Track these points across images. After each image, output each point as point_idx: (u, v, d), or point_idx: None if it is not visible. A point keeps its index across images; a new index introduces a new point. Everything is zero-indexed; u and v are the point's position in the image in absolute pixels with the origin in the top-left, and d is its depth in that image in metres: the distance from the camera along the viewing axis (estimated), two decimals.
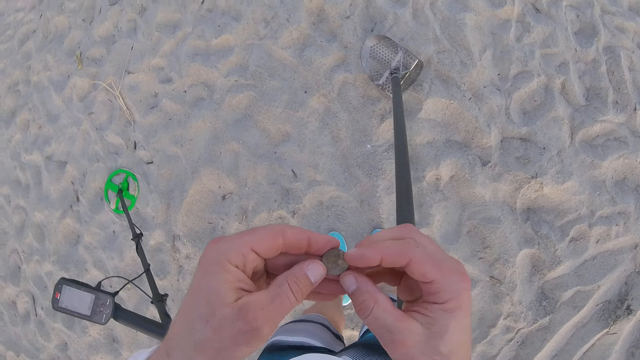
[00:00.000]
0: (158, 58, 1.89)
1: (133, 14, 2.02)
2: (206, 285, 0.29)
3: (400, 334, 0.29)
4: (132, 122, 1.91)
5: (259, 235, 0.30)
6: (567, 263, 1.37)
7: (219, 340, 0.28)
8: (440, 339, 0.29)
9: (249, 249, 0.29)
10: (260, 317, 0.28)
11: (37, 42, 2.36)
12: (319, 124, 1.61)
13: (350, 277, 0.31)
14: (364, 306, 0.30)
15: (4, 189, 2.29)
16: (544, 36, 1.49)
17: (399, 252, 0.30)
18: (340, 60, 1.62)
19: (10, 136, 2.32)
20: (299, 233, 0.31)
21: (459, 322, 0.30)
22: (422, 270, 0.29)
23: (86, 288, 0.79)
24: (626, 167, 1.38)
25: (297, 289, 0.30)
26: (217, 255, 0.29)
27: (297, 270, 0.31)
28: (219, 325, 0.28)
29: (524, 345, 1.36)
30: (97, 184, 1.97)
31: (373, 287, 0.31)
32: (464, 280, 0.30)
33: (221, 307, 0.28)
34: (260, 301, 0.29)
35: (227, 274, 0.29)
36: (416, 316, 0.30)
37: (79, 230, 2.01)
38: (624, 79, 1.41)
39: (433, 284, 0.29)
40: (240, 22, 1.75)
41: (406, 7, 1.58)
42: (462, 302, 0.30)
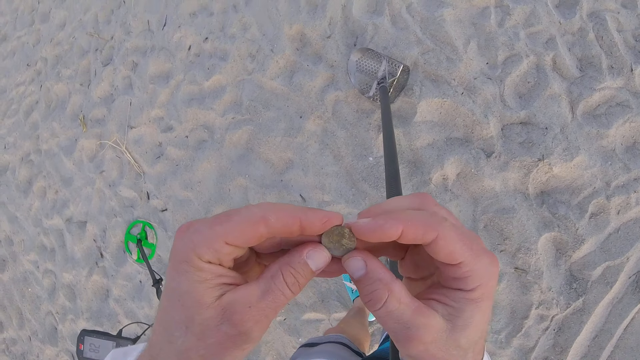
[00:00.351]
0: (156, 109, 1.96)
1: (126, 71, 2.11)
2: (177, 287, 0.24)
3: (417, 329, 0.24)
4: (142, 173, 1.98)
5: (233, 225, 0.24)
6: (591, 240, 1.35)
7: (205, 347, 0.24)
8: (463, 332, 0.25)
9: (221, 243, 0.24)
10: (248, 318, 0.24)
11: (41, 112, 2.47)
12: (319, 145, 1.65)
13: (358, 259, 0.25)
14: (375, 297, 0.25)
15: (32, 256, 2.38)
16: (525, 16, 1.48)
17: (426, 226, 0.24)
18: (329, 80, 1.66)
19: (30, 205, 2.42)
20: (287, 217, 0.24)
21: (484, 313, 0.25)
22: (450, 250, 0.24)
23: (107, 336, 0.81)
24: (634, 131, 1.35)
25: (293, 282, 0.25)
26: (185, 250, 0.24)
27: (294, 258, 0.25)
28: (200, 330, 0.24)
29: (561, 332, 1.34)
30: (117, 238, 2.04)
31: (386, 273, 0.25)
32: (495, 263, 0.25)
33: (200, 310, 0.24)
34: (248, 298, 0.24)
35: (200, 272, 0.24)
36: (436, 306, 0.26)
37: (107, 284, 2.07)
38: (614, 42, 1.39)
39: (460, 267, 0.24)
40: (228, 61, 1.81)
41: (383, 16, 1.61)
42: (490, 290, 0.25)
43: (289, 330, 1.63)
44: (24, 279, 2.40)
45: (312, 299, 1.61)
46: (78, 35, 2.48)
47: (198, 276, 0.24)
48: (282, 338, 1.65)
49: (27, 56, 2.76)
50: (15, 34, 2.95)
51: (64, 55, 2.50)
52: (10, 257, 2.48)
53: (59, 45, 2.56)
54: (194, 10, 2.04)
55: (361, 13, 1.65)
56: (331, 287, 1.61)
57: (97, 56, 2.31)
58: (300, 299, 1.62)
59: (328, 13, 1.70)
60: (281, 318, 1.65)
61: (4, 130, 2.67)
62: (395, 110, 1.57)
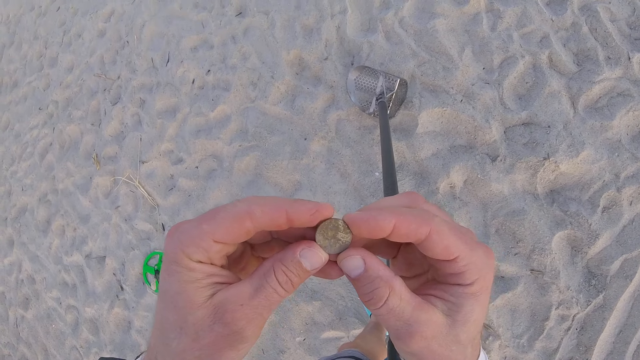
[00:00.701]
0: (166, 142, 2.03)
1: (134, 108, 2.19)
2: (169, 288, 0.24)
3: (419, 325, 0.24)
4: (156, 206, 2.04)
5: (219, 222, 0.24)
6: (605, 234, 1.34)
7: (199, 348, 0.24)
8: (463, 327, 0.25)
9: (210, 241, 0.24)
10: (240, 316, 0.24)
11: (55, 153, 2.56)
12: (325, 165, 1.68)
13: (356, 257, 0.24)
14: (376, 295, 0.24)
15: (54, 293, 2.43)
16: (516, 17, 1.49)
17: (418, 221, 0.23)
18: (330, 100, 1.71)
19: (50, 243, 2.48)
20: (272, 211, 0.24)
21: (483, 306, 0.25)
22: (445, 244, 0.23)
23: None
24: (638, 119, 1.34)
25: (285, 280, 0.24)
26: (175, 251, 0.24)
27: (287, 256, 0.25)
28: (194, 331, 0.24)
29: (583, 331, 1.32)
30: (136, 271, 2.08)
31: (386, 270, 0.24)
32: (490, 255, 0.25)
33: (192, 310, 0.24)
34: (240, 296, 0.24)
35: (191, 272, 0.24)
36: (435, 301, 0.25)
37: (129, 316, 2.10)
38: (608, 32, 1.38)
39: (457, 262, 0.24)
40: (231, 91, 1.88)
41: (377, 33, 1.66)
42: (488, 283, 0.25)
43: (309, 350, 1.64)
44: (47, 316, 2.45)
45: (330, 318, 1.62)
46: (86, 77, 2.58)
47: (189, 276, 0.24)
48: (303, 358, 1.66)
49: (39, 100, 2.87)
50: (26, 79, 3.09)
51: (74, 97, 2.61)
52: (33, 296, 2.53)
53: (69, 88, 2.67)
54: (194, 45, 2.13)
55: (355, 32, 1.71)
56: (348, 305, 1.62)
57: (106, 96, 2.41)
58: (318, 319, 1.63)
59: (323, 36, 1.76)
60: (300, 339, 1.66)
61: (21, 173, 2.76)
62: (397, 124, 1.60)
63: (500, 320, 1.36)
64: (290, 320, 1.68)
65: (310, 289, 1.66)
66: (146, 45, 2.33)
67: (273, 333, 1.71)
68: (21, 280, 2.61)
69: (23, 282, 2.60)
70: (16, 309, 2.61)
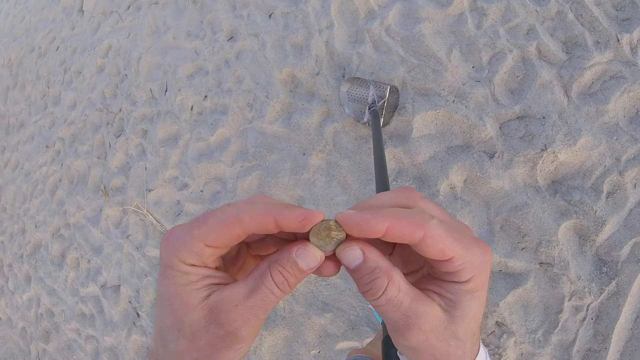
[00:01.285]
0: (170, 170, 2.08)
1: (138, 139, 2.25)
2: (165, 292, 0.25)
3: (418, 317, 0.24)
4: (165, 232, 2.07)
5: (209, 228, 0.24)
6: (612, 220, 1.33)
7: (197, 350, 0.25)
8: (461, 323, 0.25)
9: (201, 246, 0.24)
10: (235, 317, 0.24)
11: (65, 189, 2.63)
12: (326, 178, 1.71)
13: (355, 248, 0.24)
14: (375, 285, 0.24)
15: (73, 324, 2.47)
16: (501, 13, 1.50)
17: (412, 224, 0.23)
18: (325, 114, 1.74)
19: (66, 276, 2.53)
20: (261, 217, 0.24)
21: (481, 303, 0.25)
22: (440, 247, 0.23)
23: None
24: (633, 100, 1.33)
25: (281, 280, 0.24)
26: (170, 256, 0.25)
27: (283, 256, 0.25)
28: (191, 332, 0.24)
29: (599, 320, 1.31)
30: (150, 297, 2.11)
31: (385, 261, 0.24)
32: (487, 251, 0.25)
33: (188, 312, 0.24)
34: (235, 296, 0.24)
35: (186, 275, 0.24)
36: (432, 296, 0.25)
37: (147, 342, 2.13)
38: (594, 17, 1.38)
39: (453, 262, 0.24)
40: (228, 114, 1.93)
41: (365, 43, 1.70)
42: (485, 279, 0.25)
43: None
44: (68, 348, 2.48)
45: (343, 329, 1.62)
46: (89, 112, 2.66)
47: (184, 279, 0.24)
48: None
49: (45, 138, 2.96)
50: (32, 119, 3.18)
51: (78, 132, 2.68)
52: (53, 329, 2.58)
53: (73, 124, 2.75)
54: (190, 73, 2.19)
55: (344, 45, 1.75)
56: (360, 314, 1.63)
57: (109, 129, 2.48)
58: (331, 330, 1.64)
59: (313, 52, 1.80)
60: (315, 352, 1.66)
61: (34, 210, 2.83)
62: (393, 131, 1.62)
63: (514, 316, 1.36)
64: (303, 334, 1.68)
65: (321, 302, 1.67)
66: (144, 76, 2.40)
67: (288, 348, 1.71)
68: (40, 315, 2.66)
69: (42, 316, 2.64)
70: (37, 343, 2.65)
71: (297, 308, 1.69)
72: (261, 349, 1.74)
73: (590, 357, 1.28)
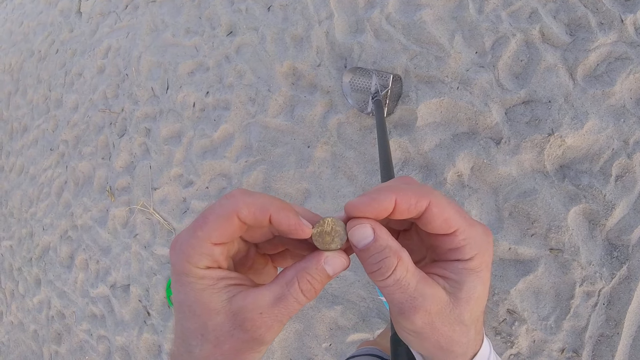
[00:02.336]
0: (175, 168, 2.08)
1: (141, 138, 2.25)
2: (185, 299, 0.25)
3: (424, 299, 0.24)
4: (173, 230, 2.08)
5: (211, 225, 0.24)
6: (621, 203, 1.32)
7: (221, 353, 0.25)
8: (467, 305, 0.25)
9: (209, 246, 0.24)
10: (260, 324, 0.24)
11: (71, 191, 2.64)
12: (331, 170, 1.70)
13: (366, 226, 0.24)
14: (384, 264, 0.24)
15: (84, 326, 2.49)
16: None
17: (418, 195, 0.24)
18: (328, 106, 1.73)
19: (75, 278, 2.55)
20: (257, 211, 0.24)
21: (484, 285, 0.25)
22: (444, 217, 0.24)
23: None
24: (639, 82, 1.31)
25: (309, 288, 0.24)
26: (182, 263, 0.24)
27: (311, 264, 0.25)
28: (215, 337, 0.24)
29: (611, 305, 1.30)
30: (160, 295, 2.12)
31: (394, 241, 0.24)
32: (488, 233, 0.25)
33: (211, 316, 0.24)
34: (260, 304, 0.24)
35: (203, 280, 0.24)
36: (437, 280, 0.25)
37: (158, 340, 2.14)
38: None
39: (456, 236, 0.24)
40: (231, 110, 1.92)
41: (366, 33, 1.68)
42: (488, 260, 0.25)
43: (337, 355, 1.64)
44: (80, 349, 2.50)
45: (354, 321, 1.62)
46: (91, 114, 2.67)
47: (201, 284, 0.24)
48: None
49: (49, 142, 2.97)
50: (35, 123, 3.19)
51: (82, 134, 2.69)
52: (64, 330, 2.60)
53: (76, 127, 2.76)
54: (191, 70, 2.18)
55: (344, 36, 1.73)
56: (370, 306, 1.62)
57: (112, 130, 2.48)
58: (342, 323, 1.64)
59: (313, 43, 1.78)
60: (327, 344, 1.67)
61: (41, 214, 2.85)
62: (397, 120, 1.61)
63: (525, 304, 1.35)
64: (314, 328, 1.69)
65: (331, 294, 1.67)
66: (145, 75, 2.39)
67: (299, 342, 1.72)
68: (51, 317, 2.69)
69: (53, 318, 2.67)
70: (50, 345, 2.68)
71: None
72: (272, 344, 1.75)
73: (603, 343, 1.27)
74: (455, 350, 0.26)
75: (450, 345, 0.26)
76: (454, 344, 0.26)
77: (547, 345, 1.31)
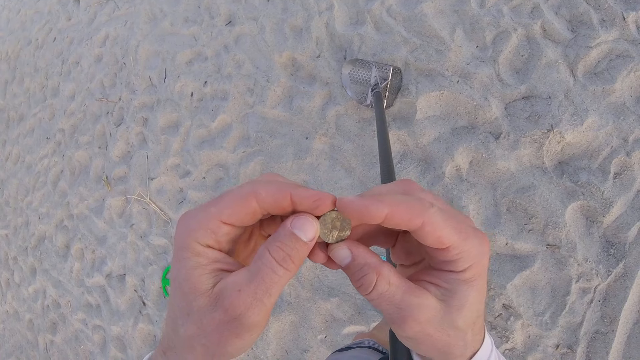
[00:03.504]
0: (172, 157, 2.06)
1: (138, 127, 2.24)
2: (177, 274, 0.25)
3: (411, 309, 0.24)
4: (169, 220, 2.07)
5: (226, 203, 0.24)
6: (619, 201, 1.32)
7: (205, 336, 0.24)
8: (459, 312, 0.25)
9: (218, 223, 0.24)
10: (238, 302, 0.23)
11: (67, 180, 2.62)
12: (329, 162, 1.69)
13: (342, 248, 0.25)
14: (365, 282, 0.25)
15: (80, 315, 2.49)
16: None
17: (411, 211, 0.23)
18: (327, 97, 1.71)
19: (71, 267, 2.55)
20: (277, 191, 0.24)
21: (479, 292, 0.25)
22: (437, 235, 0.24)
23: None
24: None
25: (282, 256, 0.24)
26: (184, 237, 0.25)
27: (280, 232, 0.24)
28: (198, 318, 0.24)
29: (606, 302, 1.30)
30: (156, 285, 2.12)
31: (373, 257, 0.25)
32: (485, 243, 0.25)
33: (196, 296, 0.24)
34: (238, 282, 0.24)
35: (198, 257, 0.24)
36: (428, 287, 0.25)
37: (154, 330, 2.14)
38: None
39: (450, 251, 0.24)
40: (229, 100, 1.90)
41: (366, 24, 1.66)
42: (482, 269, 0.25)
43: (332, 347, 1.64)
44: (75, 338, 2.51)
45: (349, 313, 1.62)
46: (88, 103, 2.64)
47: (195, 262, 0.24)
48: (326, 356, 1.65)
49: (46, 130, 2.95)
50: (31, 112, 3.17)
51: (79, 123, 2.67)
52: (60, 320, 2.60)
53: (73, 115, 2.73)
54: (189, 59, 2.16)
55: (344, 27, 1.71)
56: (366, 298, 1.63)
57: (109, 119, 2.46)
58: (337, 315, 1.64)
59: (313, 34, 1.76)
60: (322, 336, 1.67)
61: (37, 203, 2.84)
62: (396, 112, 1.60)
63: (521, 299, 1.35)
64: (310, 319, 1.69)
65: (327, 286, 1.67)
66: (143, 64, 2.37)
67: (295, 333, 1.72)
68: (47, 306, 2.68)
69: (49, 307, 2.67)
70: (45, 335, 2.68)
71: (303, 293, 1.69)
72: (268, 335, 1.74)
73: (598, 340, 1.27)
74: (452, 352, 0.26)
75: (447, 348, 0.26)
76: (451, 347, 0.26)
77: (542, 341, 1.32)
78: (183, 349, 0.25)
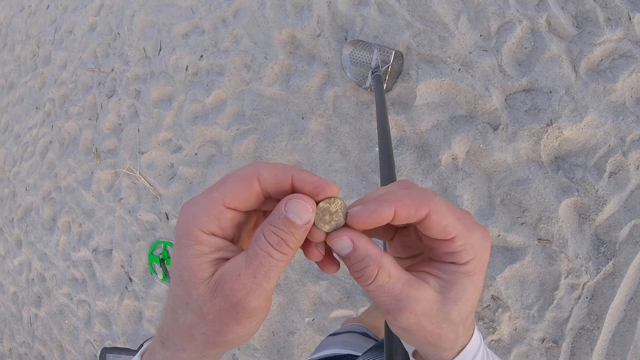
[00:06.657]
0: (164, 132, 2.02)
1: (130, 99, 2.18)
2: (178, 262, 0.25)
3: (409, 301, 0.24)
4: (159, 196, 2.04)
5: (229, 186, 0.24)
6: (613, 200, 1.31)
7: (205, 324, 0.24)
8: (455, 305, 0.25)
9: (221, 208, 0.24)
10: (238, 287, 0.23)
11: (56, 151, 2.56)
12: (324, 143, 1.66)
13: (344, 238, 0.25)
14: (365, 273, 0.24)
15: (65, 289, 2.46)
16: None
17: (416, 202, 0.24)
18: (326, 78, 1.67)
19: (57, 240, 2.51)
20: (279, 173, 0.24)
21: (476, 287, 0.26)
22: (443, 224, 0.24)
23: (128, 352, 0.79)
24: None
25: (277, 240, 0.23)
26: (187, 224, 0.24)
27: (274, 214, 0.24)
28: (198, 306, 0.24)
29: (594, 299, 1.30)
30: (143, 262, 2.09)
31: (375, 249, 0.25)
32: (487, 237, 0.26)
33: (196, 285, 0.24)
34: (236, 267, 0.24)
35: (200, 245, 0.24)
36: (427, 278, 0.25)
37: (139, 307, 2.13)
38: None
39: (454, 242, 0.24)
40: (225, 75, 1.85)
41: (370, 5, 1.62)
42: (483, 264, 0.25)
43: (319, 330, 1.64)
44: (60, 312, 2.48)
45: (338, 297, 1.62)
46: (80, 72, 2.57)
47: (196, 250, 0.24)
48: (313, 338, 1.67)
49: (35, 100, 2.87)
50: (21, 80, 3.08)
51: (69, 93, 2.60)
52: (44, 293, 2.57)
53: (64, 85, 2.66)
54: (185, 32, 2.09)
55: (347, 6, 1.67)
56: (355, 283, 1.61)
57: (101, 90, 2.39)
58: (326, 298, 1.63)
59: (315, 12, 1.71)
60: (310, 319, 1.66)
61: (24, 173, 2.78)
62: (395, 97, 1.57)
63: (509, 291, 1.35)
64: (298, 302, 1.68)
65: (317, 269, 1.66)
66: (137, 35, 2.30)
67: (282, 315, 1.71)
68: (32, 279, 2.65)
69: (34, 280, 2.64)
70: (29, 308, 2.65)
71: (292, 275, 1.68)
72: None
73: (583, 336, 1.28)
74: (442, 345, 0.27)
75: (437, 341, 0.26)
76: (442, 339, 0.26)
77: (528, 334, 1.32)
78: (183, 339, 0.25)
